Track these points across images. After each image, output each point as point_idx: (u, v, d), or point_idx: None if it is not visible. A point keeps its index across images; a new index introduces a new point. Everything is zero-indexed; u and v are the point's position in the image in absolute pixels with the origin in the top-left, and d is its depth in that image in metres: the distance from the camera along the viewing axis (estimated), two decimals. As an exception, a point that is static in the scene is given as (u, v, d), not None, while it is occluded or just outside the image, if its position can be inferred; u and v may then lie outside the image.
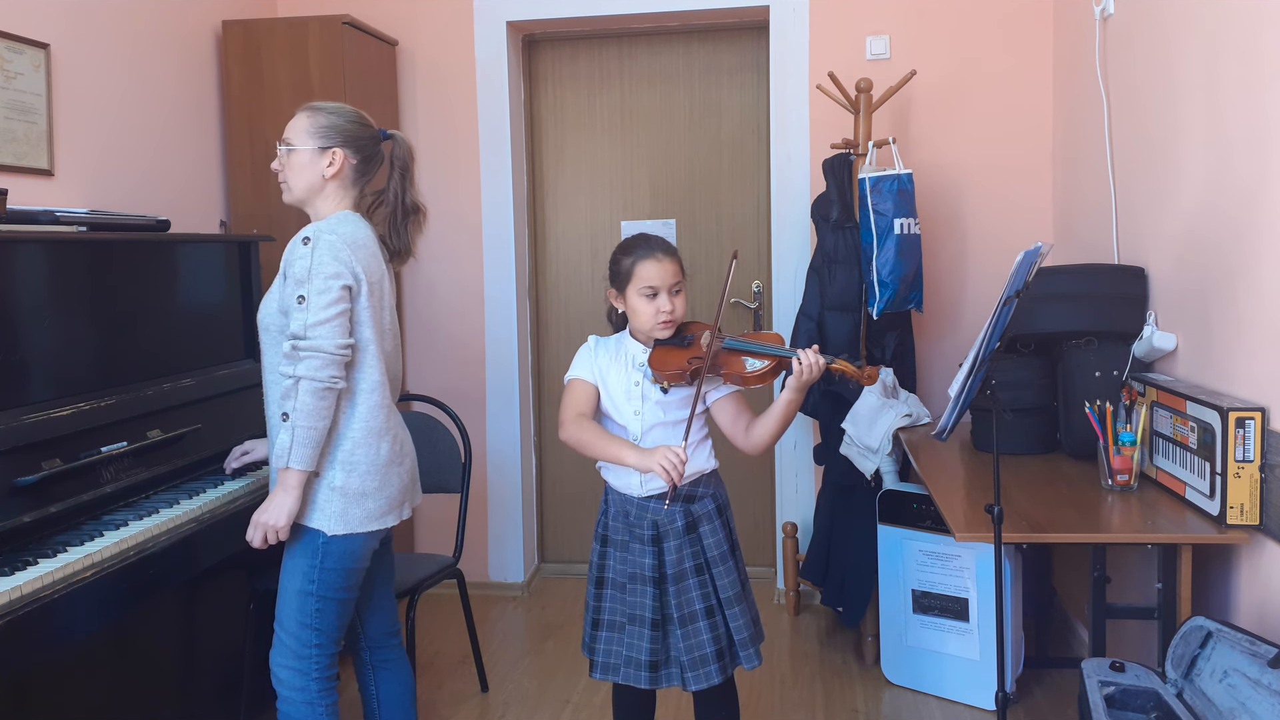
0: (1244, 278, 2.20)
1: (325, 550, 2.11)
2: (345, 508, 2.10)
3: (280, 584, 2.17)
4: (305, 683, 2.15)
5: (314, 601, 2.13)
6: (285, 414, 2.00)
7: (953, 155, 3.66)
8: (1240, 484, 2.12)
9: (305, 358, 1.99)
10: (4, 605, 1.78)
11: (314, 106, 2.21)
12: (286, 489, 2.02)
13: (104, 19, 2.97)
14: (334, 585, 2.13)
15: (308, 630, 2.13)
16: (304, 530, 2.12)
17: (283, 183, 2.20)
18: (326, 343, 2.00)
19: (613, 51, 4.03)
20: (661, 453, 1.98)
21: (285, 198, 2.22)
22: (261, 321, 2.15)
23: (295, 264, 2.04)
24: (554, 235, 4.14)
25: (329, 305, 2.01)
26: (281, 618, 2.16)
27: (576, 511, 4.16)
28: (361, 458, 2.11)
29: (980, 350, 2.09)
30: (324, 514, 2.09)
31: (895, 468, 3.12)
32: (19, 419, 2.10)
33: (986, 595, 2.87)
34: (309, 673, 2.15)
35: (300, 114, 2.19)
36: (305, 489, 2.06)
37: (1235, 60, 2.25)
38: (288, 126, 2.19)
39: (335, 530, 2.10)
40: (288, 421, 2.00)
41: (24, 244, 2.23)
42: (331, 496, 2.09)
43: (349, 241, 2.08)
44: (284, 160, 2.18)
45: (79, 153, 2.86)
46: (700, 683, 2.10)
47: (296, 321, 2.01)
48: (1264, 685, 1.77)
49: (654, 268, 2.10)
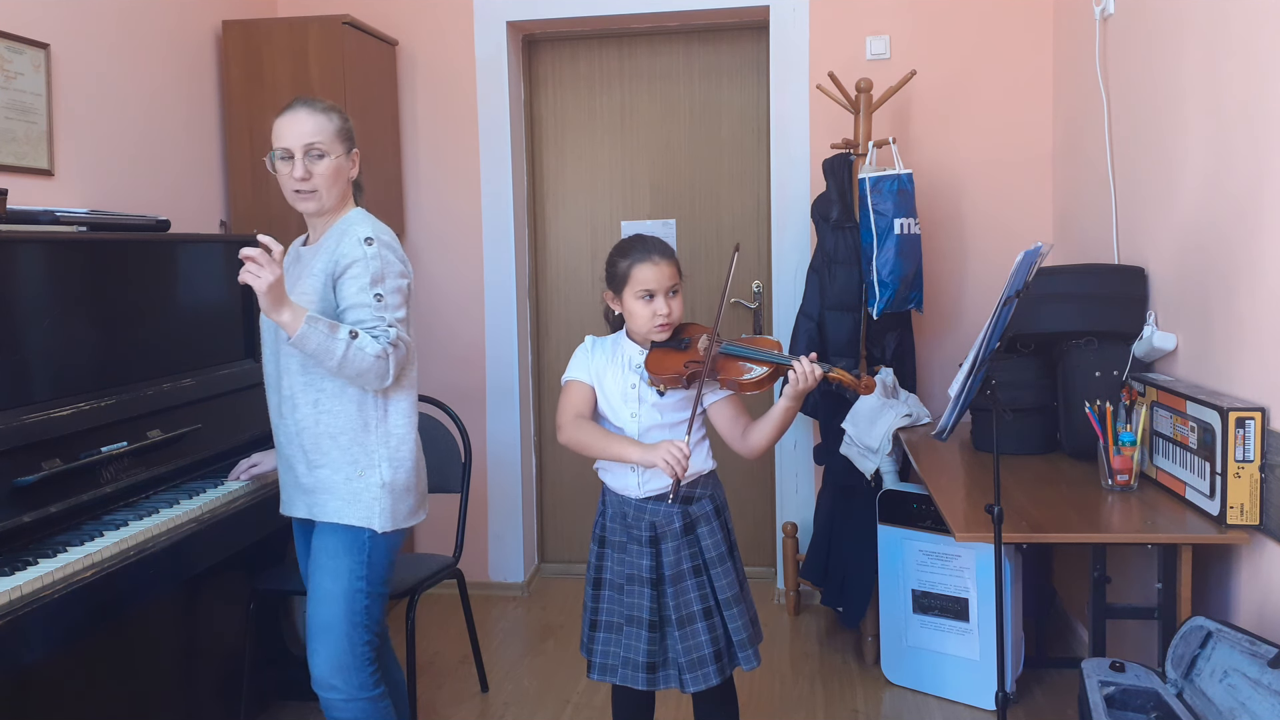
0: (1244, 277, 2.20)
1: (372, 547, 2.13)
2: (393, 504, 2.14)
3: (319, 591, 2.14)
4: (363, 679, 2.15)
5: (363, 599, 2.14)
6: (354, 333, 1.99)
7: (953, 155, 3.66)
8: (1240, 484, 2.12)
9: (397, 346, 2.04)
10: (4, 605, 1.78)
11: (327, 107, 2.14)
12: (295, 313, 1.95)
13: (104, 19, 2.97)
14: (381, 580, 2.17)
15: (360, 628, 2.14)
16: (345, 531, 2.12)
17: (312, 191, 2.11)
18: (409, 339, 2.10)
19: (613, 51, 4.03)
20: (665, 447, 1.98)
21: (312, 207, 2.13)
22: None
23: (368, 264, 2.05)
24: (554, 235, 4.14)
25: (402, 305, 2.10)
26: (328, 622, 2.13)
27: (576, 511, 4.16)
28: (406, 454, 2.16)
29: (980, 350, 2.09)
30: (373, 511, 2.12)
31: (895, 468, 3.12)
32: (19, 419, 2.10)
33: (986, 595, 2.87)
34: (364, 669, 2.15)
35: (318, 116, 2.11)
36: (350, 487, 2.10)
37: (1235, 60, 2.25)
38: (309, 132, 2.09)
39: (385, 527, 2.13)
40: (355, 339, 1.98)
41: (24, 244, 2.23)
42: (381, 494, 2.12)
43: (396, 242, 2.16)
44: (314, 168, 2.09)
45: (79, 153, 2.86)
46: (698, 684, 2.10)
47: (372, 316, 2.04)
48: (1264, 685, 1.77)
49: (650, 270, 2.10)
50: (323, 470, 2.13)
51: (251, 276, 1.89)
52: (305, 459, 2.14)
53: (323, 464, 2.13)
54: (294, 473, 2.18)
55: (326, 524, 2.14)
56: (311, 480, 2.14)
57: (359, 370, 2.01)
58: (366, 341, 2.01)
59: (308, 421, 2.12)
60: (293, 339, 1.96)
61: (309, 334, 1.95)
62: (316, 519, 2.17)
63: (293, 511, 2.24)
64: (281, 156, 2.11)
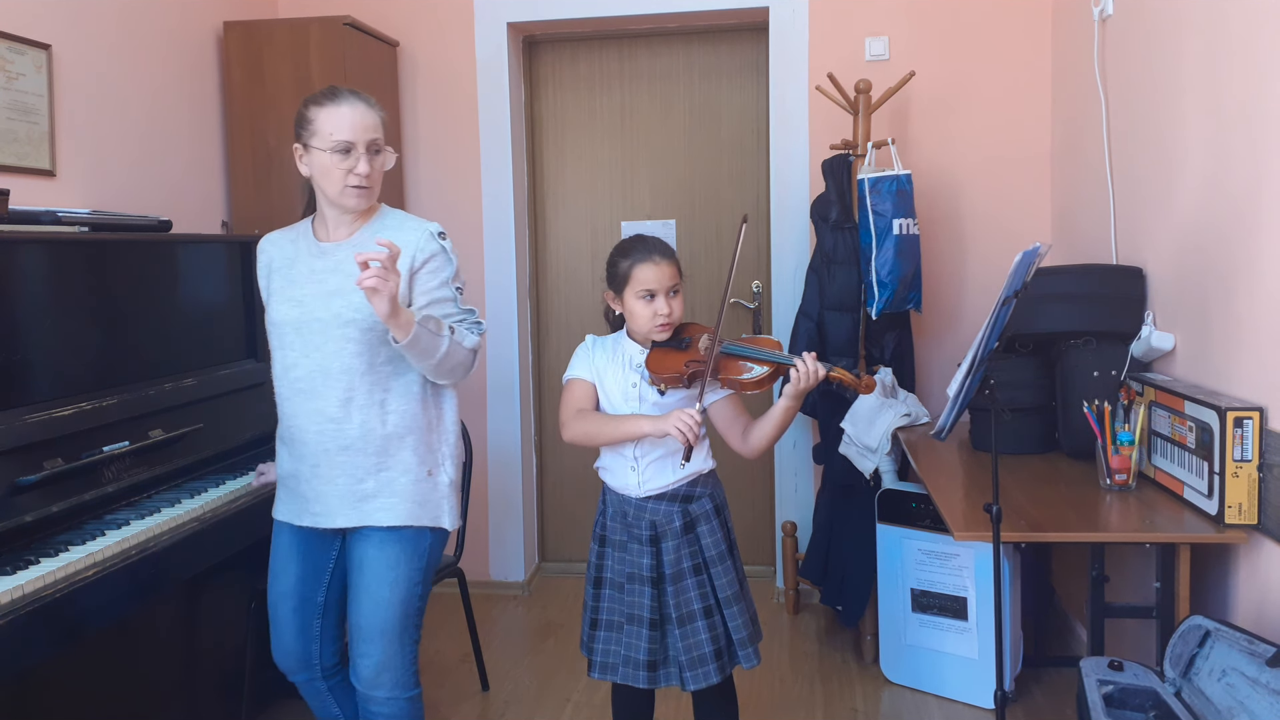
0: (1242, 277, 2.21)
1: (431, 546, 2.15)
2: (456, 501, 2.19)
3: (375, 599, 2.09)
4: (406, 679, 2.14)
5: (418, 601, 2.15)
6: (452, 328, 2.01)
7: (951, 156, 3.67)
8: (1238, 483, 2.12)
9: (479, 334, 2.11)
10: (6, 604, 1.78)
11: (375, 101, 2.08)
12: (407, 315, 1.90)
13: (106, 20, 2.98)
14: (431, 579, 2.19)
15: (412, 628, 2.15)
16: (407, 535, 2.10)
17: (368, 188, 2.05)
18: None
19: (613, 52, 4.04)
20: (676, 415, 1.98)
21: (362, 203, 2.06)
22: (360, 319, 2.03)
23: (448, 258, 2.10)
24: (554, 235, 4.14)
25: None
26: (384, 628, 2.09)
27: (577, 510, 4.16)
28: (459, 450, 2.21)
29: (979, 350, 2.10)
30: (442, 510, 2.14)
31: (894, 467, 3.13)
32: (21, 419, 2.10)
33: (985, 594, 2.87)
34: (409, 668, 2.15)
35: (374, 110, 2.05)
36: (420, 488, 2.09)
37: (1234, 61, 2.26)
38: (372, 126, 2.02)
39: (455, 524, 2.18)
40: (454, 334, 2.00)
41: (26, 244, 2.24)
42: (449, 493, 2.16)
43: None
44: (374, 163, 2.05)
45: (80, 153, 2.87)
46: (698, 682, 2.10)
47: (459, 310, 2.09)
48: (1262, 684, 1.77)
49: (651, 270, 2.10)
50: (389, 473, 2.07)
51: (379, 282, 1.80)
52: (367, 463, 2.06)
53: (390, 466, 2.07)
54: (339, 483, 2.06)
55: (382, 530, 2.08)
56: (374, 485, 2.06)
57: (454, 364, 2.03)
58: (463, 335, 2.04)
59: (374, 424, 2.05)
60: (405, 341, 1.90)
61: (420, 334, 1.91)
62: (375, 525, 2.08)
63: (330, 522, 2.09)
64: (336, 149, 2.00)
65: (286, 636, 2.23)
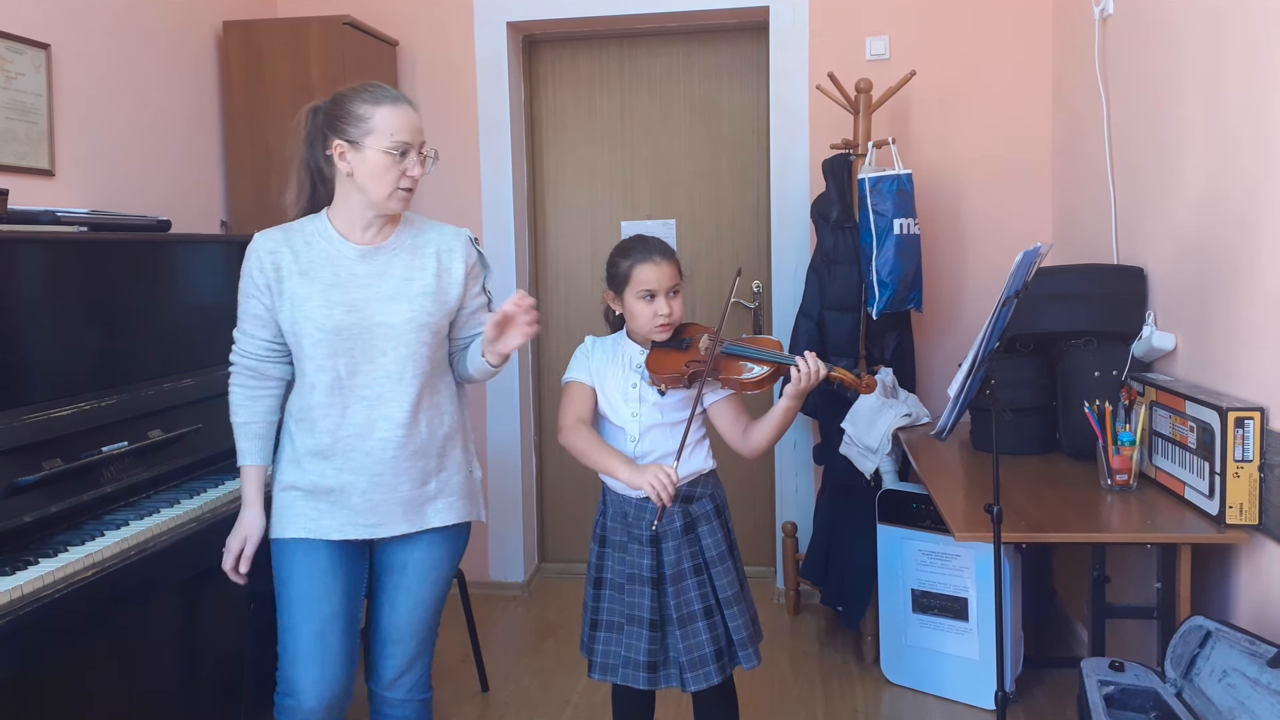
0: (1243, 277, 2.20)
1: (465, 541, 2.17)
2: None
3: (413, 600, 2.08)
4: (426, 681, 2.17)
5: (444, 600, 2.17)
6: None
7: (952, 155, 3.67)
8: (1239, 484, 2.12)
9: None
10: (5, 605, 1.78)
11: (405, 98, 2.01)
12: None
13: (105, 20, 2.97)
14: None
15: (436, 629, 2.17)
16: (455, 533, 2.12)
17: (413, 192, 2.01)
18: None
19: (613, 52, 4.03)
20: (653, 472, 1.98)
21: (405, 208, 2.02)
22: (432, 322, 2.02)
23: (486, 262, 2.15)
24: (554, 235, 4.14)
25: None
26: (415, 629, 2.10)
27: (577, 511, 4.16)
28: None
29: (979, 350, 2.10)
30: (479, 504, 2.19)
31: (895, 467, 3.12)
32: (19, 419, 2.10)
33: (986, 595, 2.87)
34: (429, 670, 2.17)
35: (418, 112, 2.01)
36: (468, 485, 2.13)
37: (1235, 60, 2.26)
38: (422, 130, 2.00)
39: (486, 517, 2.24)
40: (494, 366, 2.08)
41: (25, 244, 2.23)
42: (481, 487, 2.20)
43: None
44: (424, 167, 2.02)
45: (80, 153, 2.86)
46: (699, 683, 2.10)
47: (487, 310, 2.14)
48: (1263, 685, 1.77)
49: (651, 270, 2.10)
50: (447, 473, 2.08)
51: (537, 328, 2.01)
52: (430, 465, 2.04)
53: (446, 467, 2.08)
54: (403, 489, 2.01)
55: (434, 531, 2.07)
56: (436, 485, 2.06)
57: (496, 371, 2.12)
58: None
59: (436, 425, 2.05)
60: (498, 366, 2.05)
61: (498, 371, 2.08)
62: (438, 525, 2.06)
63: (387, 531, 2.02)
64: (395, 149, 1.94)
65: (335, 665, 2.01)
